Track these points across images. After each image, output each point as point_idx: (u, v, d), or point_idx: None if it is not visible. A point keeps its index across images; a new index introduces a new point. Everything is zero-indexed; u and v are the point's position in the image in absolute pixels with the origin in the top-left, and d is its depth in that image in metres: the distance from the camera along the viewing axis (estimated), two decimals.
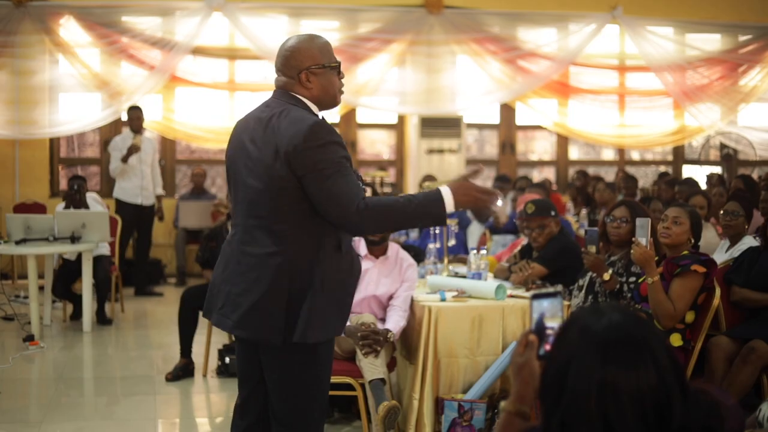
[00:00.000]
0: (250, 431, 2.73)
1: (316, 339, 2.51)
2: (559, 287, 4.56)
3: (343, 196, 2.43)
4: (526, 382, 1.61)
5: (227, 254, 2.64)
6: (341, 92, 2.69)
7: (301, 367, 2.57)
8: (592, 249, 4.03)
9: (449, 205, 2.48)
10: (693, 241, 3.87)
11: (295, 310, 2.48)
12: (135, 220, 8.06)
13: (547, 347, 1.60)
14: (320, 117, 2.59)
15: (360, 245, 4.30)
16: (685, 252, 3.82)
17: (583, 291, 4.17)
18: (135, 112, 8.21)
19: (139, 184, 8.10)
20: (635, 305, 3.90)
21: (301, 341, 2.48)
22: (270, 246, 2.50)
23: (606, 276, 4.01)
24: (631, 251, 3.75)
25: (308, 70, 2.60)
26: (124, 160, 7.96)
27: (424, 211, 2.48)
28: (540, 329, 1.63)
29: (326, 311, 2.52)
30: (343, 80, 2.69)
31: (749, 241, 4.70)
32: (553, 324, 1.63)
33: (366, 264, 4.23)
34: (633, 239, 3.77)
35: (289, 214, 2.49)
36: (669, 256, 3.86)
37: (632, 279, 4.04)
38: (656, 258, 3.76)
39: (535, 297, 1.65)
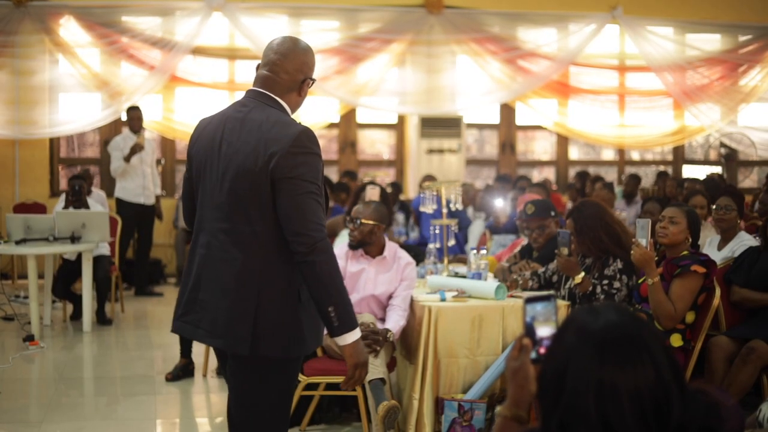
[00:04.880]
0: None
1: (291, 354, 2.42)
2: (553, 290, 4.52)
3: (311, 217, 2.33)
4: (521, 386, 1.61)
5: (196, 261, 2.49)
6: None
7: (272, 378, 2.45)
8: (564, 251, 4.02)
9: (353, 335, 2.38)
10: (691, 240, 3.87)
11: (265, 320, 2.37)
12: (136, 219, 8.06)
13: (542, 350, 1.59)
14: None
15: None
16: (685, 252, 3.82)
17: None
18: (134, 112, 8.21)
19: (141, 183, 8.09)
20: (636, 306, 3.90)
21: (269, 354, 2.38)
22: (241, 251, 2.38)
23: (578, 278, 4.01)
24: (631, 252, 3.75)
25: (309, 79, 2.52)
26: (127, 159, 7.95)
27: (344, 312, 2.36)
28: (533, 333, 1.62)
29: (304, 324, 2.42)
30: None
31: (747, 240, 4.69)
32: (546, 327, 1.62)
33: (361, 264, 4.23)
34: (633, 240, 3.77)
35: (261, 219, 2.37)
36: (669, 257, 3.86)
37: (605, 282, 4.03)
38: (656, 258, 3.76)
39: (529, 301, 1.65)
